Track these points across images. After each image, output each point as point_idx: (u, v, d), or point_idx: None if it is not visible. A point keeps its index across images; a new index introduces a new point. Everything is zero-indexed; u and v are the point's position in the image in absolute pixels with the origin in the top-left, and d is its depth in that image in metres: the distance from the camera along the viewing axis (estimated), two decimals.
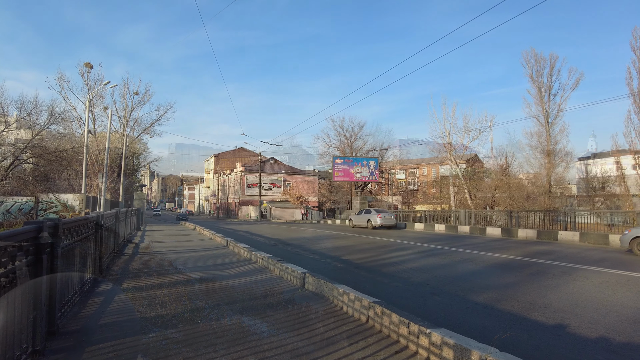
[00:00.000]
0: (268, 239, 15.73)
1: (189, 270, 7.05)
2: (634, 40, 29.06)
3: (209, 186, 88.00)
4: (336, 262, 9.04)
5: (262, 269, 7.08)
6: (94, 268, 5.74)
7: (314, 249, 11.80)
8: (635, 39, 28.91)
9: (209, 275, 6.47)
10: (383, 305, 3.57)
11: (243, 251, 9.05)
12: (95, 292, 5.13)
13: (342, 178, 42.77)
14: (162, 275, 6.45)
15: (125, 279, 6.14)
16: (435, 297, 5.69)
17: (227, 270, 7.04)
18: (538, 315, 4.65)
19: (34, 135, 24.08)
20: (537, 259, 9.50)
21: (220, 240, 12.44)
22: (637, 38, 28.84)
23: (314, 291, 5.08)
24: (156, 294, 5.06)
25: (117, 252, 9.18)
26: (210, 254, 9.55)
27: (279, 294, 5.07)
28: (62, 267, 3.65)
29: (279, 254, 9.68)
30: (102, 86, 30.55)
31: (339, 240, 14.91)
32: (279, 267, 6.39)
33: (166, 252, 10.01)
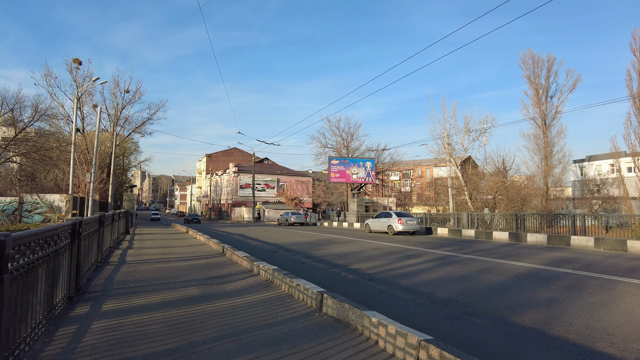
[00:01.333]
0: (266, 244, 14.82)
1: (183, 285, 6.14)
2: (634, 41, 28.72)
3: (201, 187, 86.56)
4: (345, 272, 8.19)
5: (266, 283, 6.19)
6: (69, 286, 4.81)
7: (317, 255, 10.94)
8: (635, 40, 28.57)
9: (206, 293, 5.57)
10: (440, 347, 2.72)
11: (242, 260, 8.14)
12: (68, 318, 4.21)
13: (338, 179, 41.97)
14: (152, 292, 5.53)
15: (107, 297, 5.21)
16: (472, 318, 4.86)
17: (226, 285, 6.14)
18: (607, 347, 3.85)
19: (17, 132, 22.83)
20: (561, 267, 8.75)
21: (215, 246, 11.50)
22: (637, 39, 28.51)
23: (336, 317, 4.22)
24: (143, 320, 4.16)
25: (101, 262, 8.22)
26: (205, 263, 8.62)
27: (292, 321, 4.20)
28: (16, 297, 2.75)
29: (279, 262, 8.81)
30: (91, 82, 29.33)
31: (342, 245, 14.05)
32: (287, 283, 5.51)
33: (157, 260, 9.07)
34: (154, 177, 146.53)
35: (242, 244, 14.49)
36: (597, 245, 13.52)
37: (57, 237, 4.03)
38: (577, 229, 16.32)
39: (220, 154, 79.69)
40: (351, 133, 48.39)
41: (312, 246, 13.83)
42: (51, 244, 3.78)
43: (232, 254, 9.19)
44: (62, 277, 4.43)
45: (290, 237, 18.45)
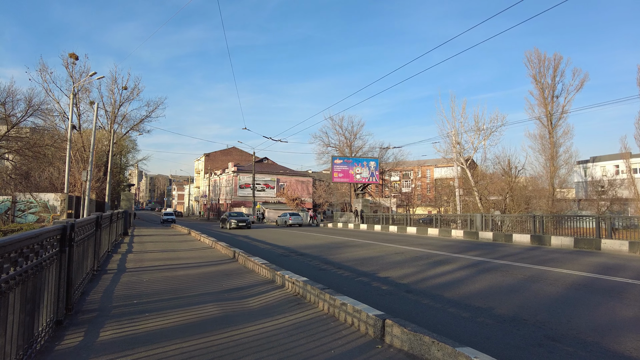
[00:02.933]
0: (275, 247, 13.81)
1: (197, 300, 5.12)
2: None
3: (199, 186, 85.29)
4: (375, 281, 7.20)
5: (296, 299, 5.18)
6: (57, 307, 3.80)
7: (336, 260, 9.93)
8: None
9: (227, 312, 4.55)
10: None
11: (261, 268, 7.12)
12: (54, 354, 3.19)
13: (341, 179, 41.00)
14: (161, 312, 4.51)
15: (105, 319, 4.19)
16: (558, 345, 3.89)
17: (248, 301, 5.12)
18: None
19: (9, 128, 21.69)
20: (615, 276, 7.78)
21: (224, 250, 10.47)
22: None
23: (407, 351, 3.22)
24: (154, 355, 3.15)
25: (98, 269, 7.18)
26: (217, 271, 7.60)
27: (349, 357, 3.20)
28: None
29: (296, 268, 7.81)
30: (88, 77, 28.16)
31: (358, 249, 13.04)
32: (326, 301, 4.51)
33: (161, 267, 8.04)
34: (151, 177, 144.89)
35: (250, 247, 13.46)
36: (632, 249, 12.57)
37: (39, 247, 3.02)
38: (603, 232, 15.41)
39: (218, 153, 78.52)
40: (354, 132, 47.39)
41: (326, 250, 12.81)
42: (30, 257, 2.77)
43: (246, 260, 8.17)
44: (48, 298, 3.42)
45: (299, 239, 17.42)
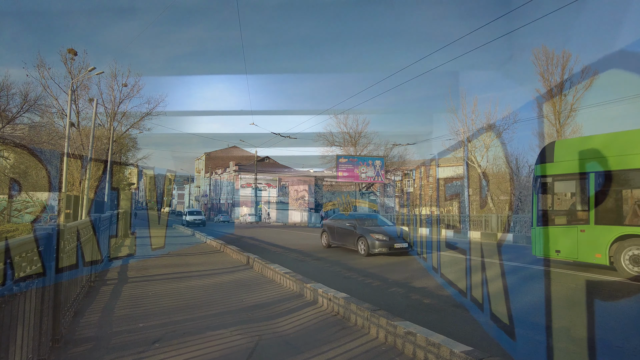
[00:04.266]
0: (286, 250, 12.86)
1: (216, 323, 4.17)
2: None
3: (200, 186, 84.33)
4: (412, 292, 6.24)
5: (338, 322, 4.23)
6: (40, 341, 2.86)
7: (357, 267, 8.97)
8: None
9: (258, 342, 3.60)
10: None
11: (283, 278, 6.16)
12: None
13: (346, 178, 40.11)
14: (174, 343, 3.55)
15: (103, 356, 3.24)
16: None
17: (278, 324, 4.17)
18: None
19: (4, 124, 20.74)
20: None
21: (235, 255, 9.52)
22: None
23: None
24: None
25: (94, 282, 6.24)
26: (232, 281, 6.65)
27: None
28: None
29: (316, 275, 6.86)
30: (86, 72, 27.15)
31: None
32: (382, 327, 3.57)
33: (168, 276, 7.10)
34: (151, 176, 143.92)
35: (260, 249, 12.53)
36: None
37: (8, 269, 2.07)
38: None
39: (219, 152, 77.53)
40: (359, 131, 46.38)
41: (344, 254, 11.86)
42: None
43: (263, 268, 7.22)
44: (25, 333, 2.48)
45: (310, 241, 16.47)
